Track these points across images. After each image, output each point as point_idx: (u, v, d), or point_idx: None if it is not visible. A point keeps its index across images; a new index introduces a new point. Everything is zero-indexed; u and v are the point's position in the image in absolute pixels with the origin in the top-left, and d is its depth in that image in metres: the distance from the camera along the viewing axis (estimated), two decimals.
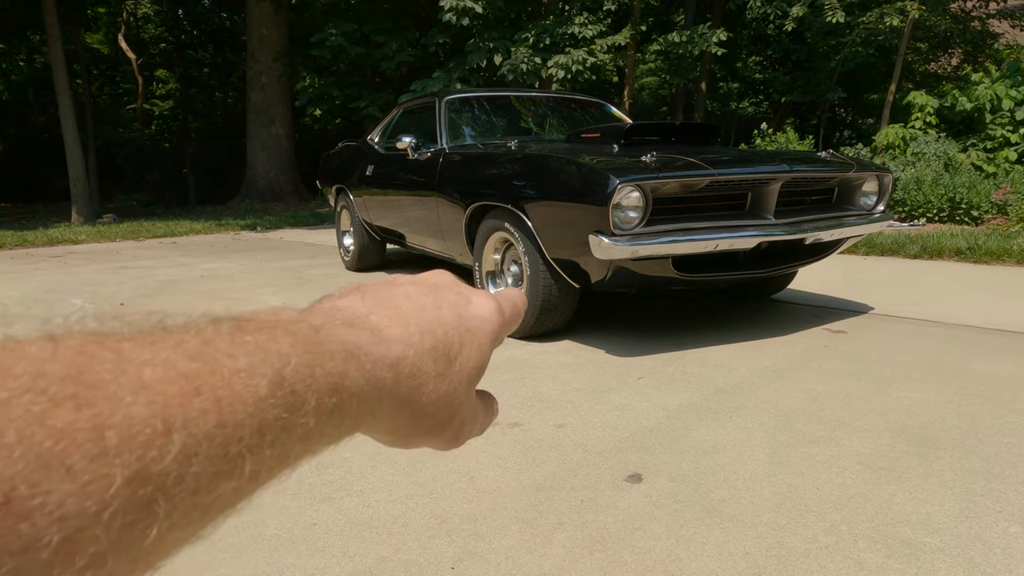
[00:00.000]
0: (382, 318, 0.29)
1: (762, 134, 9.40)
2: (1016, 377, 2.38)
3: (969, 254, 4.95)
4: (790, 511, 1.52)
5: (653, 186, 2.50)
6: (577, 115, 4.61)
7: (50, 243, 7.65)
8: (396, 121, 4.81)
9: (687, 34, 10.63)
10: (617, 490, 1.63)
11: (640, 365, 2.63)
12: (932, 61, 14.53)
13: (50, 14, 11.30)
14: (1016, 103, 8.94)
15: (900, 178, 7.64)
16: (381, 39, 11.85)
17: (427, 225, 3.88)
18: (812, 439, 1.90)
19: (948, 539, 1.39)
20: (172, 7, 18.83)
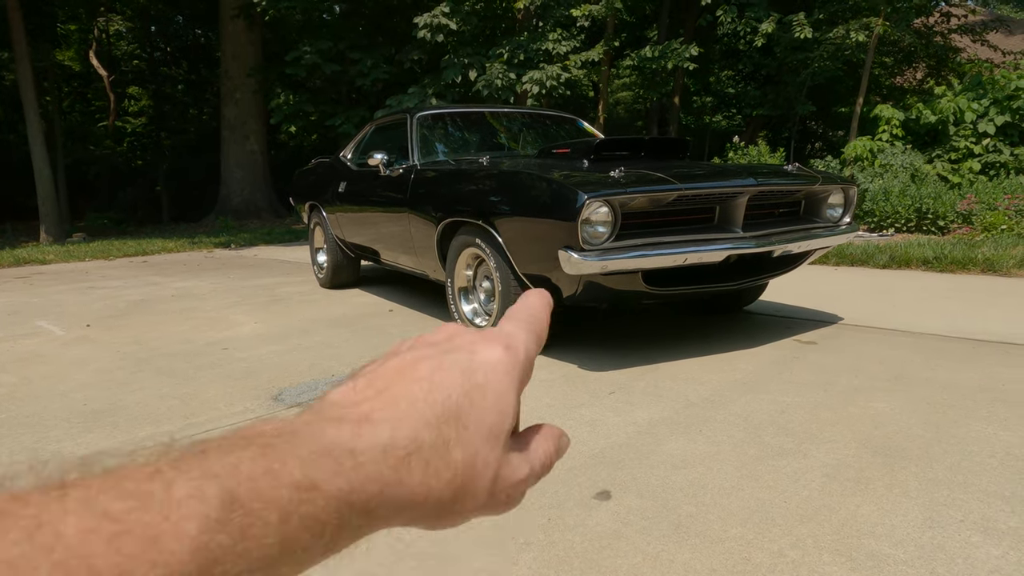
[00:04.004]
0: (372, 403, 0.27)
1: (735, 147, 9.54)
2: (979, 385, 2.42)
3: (936, 263, 5.05)
4: (757, 525, 1.52)
5: (621, 201, 2.51)
6: (549, 131, 4.64)
7: (16, 263, 7.49)
8: (368, 138, 4.80)
9: (660, 49, 10.79)
10: (585, 508, 1.62)
11: (612, 380, 2.63)
12: (898, 75, 14.92)
13: (17, 31, 11.15)
14: (978, 115, 9.19)
15: (869, 189, 7.80)
16: (356, 56, 11.87)
17: (400, 242, 3.86)
18: (780, 451, 1.91)
19: (911, 550, 1.40)
20: (145, 24, 18.70)
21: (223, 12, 13.58)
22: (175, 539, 0.18)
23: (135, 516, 0.18)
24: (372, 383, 0.29)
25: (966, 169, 9.03)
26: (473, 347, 0.31)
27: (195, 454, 0.21)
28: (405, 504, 0.27)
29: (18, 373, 2.97)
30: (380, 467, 0.25)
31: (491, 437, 0.29)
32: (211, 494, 0.20)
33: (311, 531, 0.22)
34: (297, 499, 0.22)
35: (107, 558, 0.17)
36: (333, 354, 3.13)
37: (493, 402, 0.30)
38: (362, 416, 0.27)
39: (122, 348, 3.37)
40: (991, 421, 2.08)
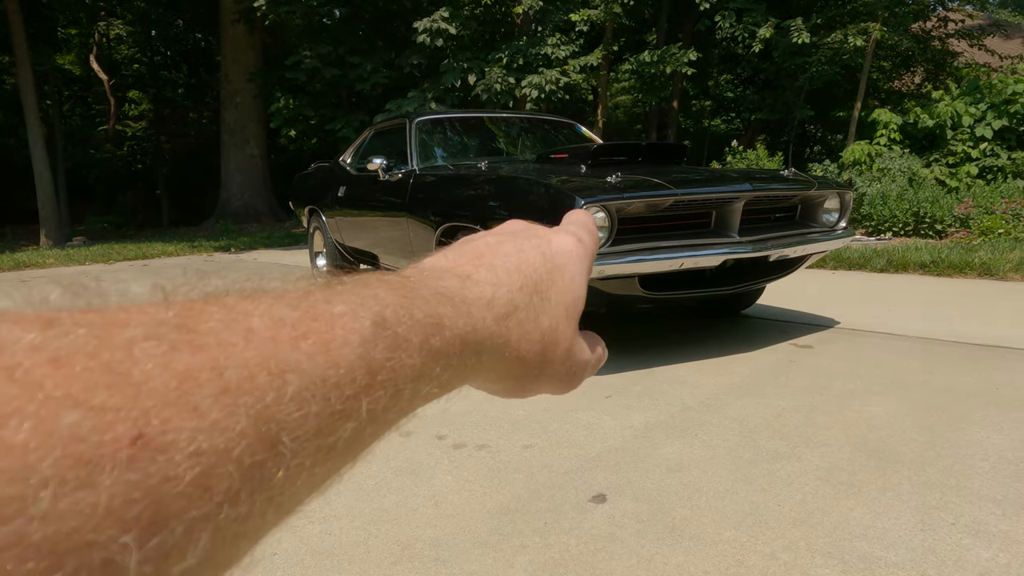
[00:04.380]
0: (468, 267, 0.30)
1: (733, 151, 9.57)
2: (973, 389, 2.43)
3: (932, 267, 5.07)
4: (751, 528, 1.53)
5: (618, 206, 2.53)
6: (548, 135, 4.66)
7: (16, 267, 7.51)
8: (368, 142, 4.82)
9: (658, 54, 10.83)
10: (581, 511, 1.64)
11: (609, 384, 2.64)
12: (896, 79, 14.96)
13: (18, 35, 11.19)
14: (975, 119, 9.23)
15: (866, 193, 7.82)
16: (356, 60, 11.90)
17: (399, 246, 3.88)
18: (775, 455, 1.93)
19: (903, 552, 1.41)
20: (145, 28, 18.75)
21: (223, 16, 13.62)
22: (344, 345, 0.21)
23: (307, 324, 0.20)
24: (463, 254, 0.31)
25: (963, 173, 9.07)
26: (549, 235, 0.35)
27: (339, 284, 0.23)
28: (505, 356, 0.29)
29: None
30: (486, 318, 0.28)
31: (568, 313, 0.32)
32: (363, 314, 0.22)
33: (439, 361, 0.24)
34: (430, 329, 0.24)
35: (292, 355, 0.19)
36: None
37: (569, 283, 0.33)
38: (465, 275, 0.29)
39: None
40: (985, 425, 2.10)
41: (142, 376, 0.16)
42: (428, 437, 2.14)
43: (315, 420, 0.19)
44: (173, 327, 0.18)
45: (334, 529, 1.59)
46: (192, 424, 0.16)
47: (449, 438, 2.13)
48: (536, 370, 0.31)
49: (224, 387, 0.17)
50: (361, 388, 0.21)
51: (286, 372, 0.19)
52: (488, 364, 0.28)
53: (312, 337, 0.20)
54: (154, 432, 0.15)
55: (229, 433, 0.17)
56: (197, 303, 0.19)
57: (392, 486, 1.80)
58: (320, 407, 0.19)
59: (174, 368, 0.17)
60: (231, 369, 0.18)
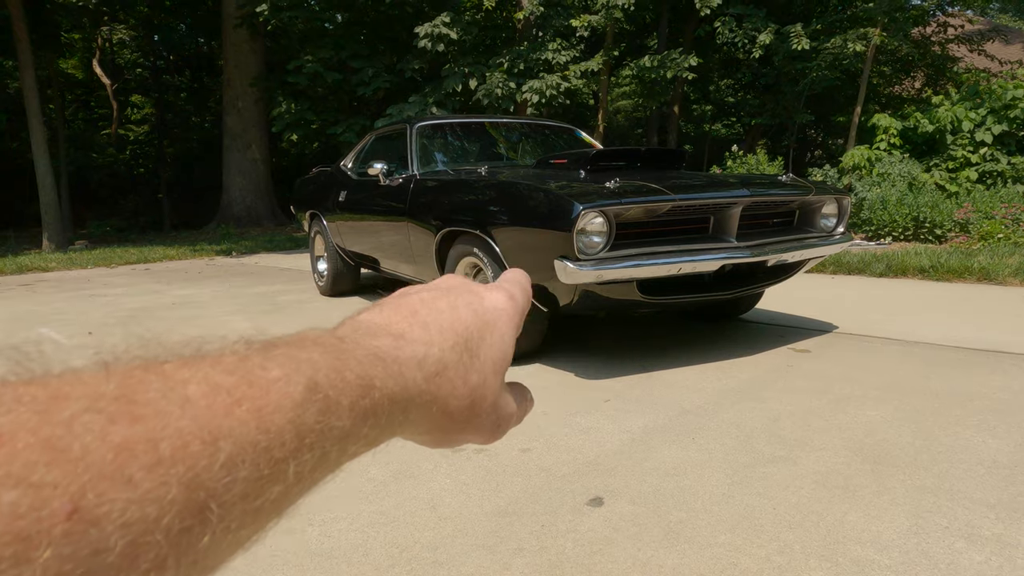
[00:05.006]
0: (403, 325, 0.31)
1: (733, 156, 9.60)
2: (970, 394, 2.44)
3: (932, 272, 5.08)
4: (746, 531, 1.54)
5: (616, 211, 2.55)
6: (548, 140, 4.69)
7: (19, 271, 7.54)
8: (368, 147, 4.85)
9: (659, 59, 10.87)
10: (578, 514, 1.65)
11: (608, 388, 2.66)
12: (896, 84, 14.99)
13: (22, 40, 11.24)
14: (975, 125, 9.25)
15: (866, 198, 7.84)
16: (358, 65, 11.95)
17: (399, 250, 3.90)
18: (771, 459, 1.94)
19: (896, 556, 1.43)
20: (148, 33, 18.83)
21: (226, 21, 13.69)
22: (276, 410, 0.22)
23: (242, 390, 0.21)
24: (397, 310, 0.32)
25: (963, 178, 9.08)
26: (482, 292, 0.36)
27: (276, 346, 0.25)
28: (432, 411, 0.30)
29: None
30: (416, 377, 0.29)
31: (496, 368, 0.34)
32: (297, 379, 0.23)
33: (367, 421, 0.25)
34: (360, 392, 0.25)
35: (226, 422, 0.20)
36: None
37: (498, 340, 0.34)
38: (398, 333, 0.30)
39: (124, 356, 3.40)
40: (980, 429, 2.11)
41: (80, 450, 0.17)
42: None
43: (243, 485, 0.20)
44: (112, 399, 0.18)
45: (332, 531, 1.61)
46: (125, 495, 0.17)
47: None
48: (463, 423, 0.32)
49: (158, 458, 0.18)
50: (290, 452, 0.22)
51: (219, 439, 0.20)
52: (415, 420, 0.29)
53: (246, 403, 0.21)
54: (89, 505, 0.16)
55: (160, 502, 0.18)
56: (137, 371, 0.20)
57: (390, 489, 1.81)
58: (249, 472, 0.20)
59: (111, 441, 0.17)
60: (166, 440, 0.18)
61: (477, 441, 0.34)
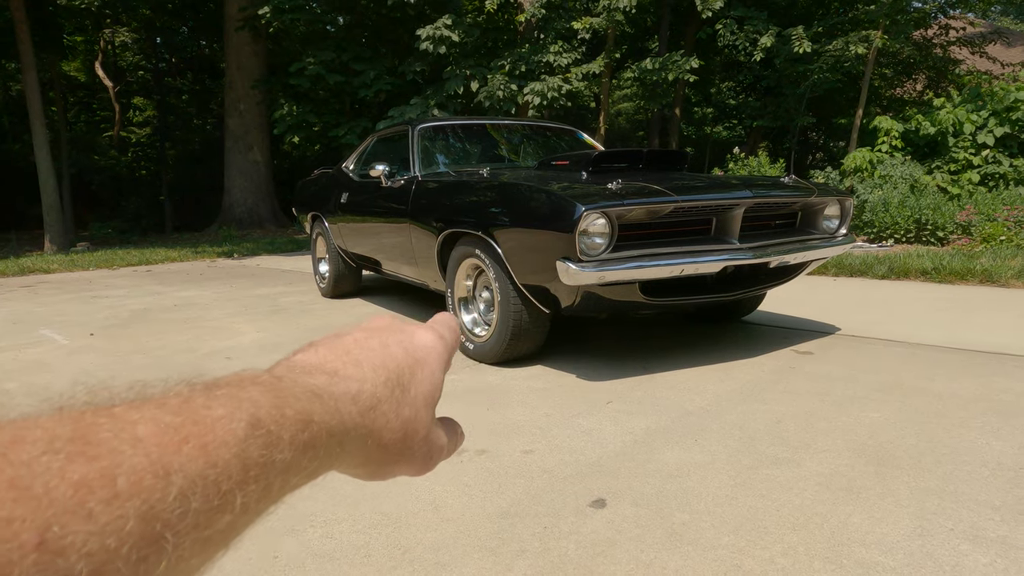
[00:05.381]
0: (337, 363, 0.33)
1: (735, 158, 9.59)
2: (973, 395, 2.44)
3: (934, 274, 5.07)
4: (749, 533, 1.54)
5: (618, 212, 2.54)
6: (549, 142, 4.68)
7: (21, 273, 7.54)
8: (370, 149, 4.85)
9: (660, 61, 10.87)
10: (580, 516, 1.65)
11: (610, 389, 2.65)
12: (897, 86, 14.99)
13: (24, 43, 11.27)
14: (977, 127, 9.24)
15: (868, 200, 7.83)
16: (359, 67, 11.97)
17: (401, 252, 3.90)
18: (774, 461, 1.93)
19: (901, 558, 1.42)
20: (150, 35, 18.86)
21: (228, 24, 13.71)
22: (221, 447, 0.23)
23: (188, 428, 0.23)
24: (331, 350, 0.34)
25: (965, 180, 9.07)
26: (412, 331, 0.38)
27: (218, 387, 0.26)
28: (367, 444, 0.32)
29: (22, 381, 3.01)
30: (351, 411, 0.30)
31: (427, 403, 0.36)
32: (240, 416, 0.25)
33: (307, 454, 0.27)
34: (299, 426, 0.27)
35: (176, 458, 0.22)
36: None
37: (428, 376, 0.36)
38: (332, 371, 0.32)
39: (126, 357, 3.40)
40: (984, 431, 2.10)
41: (43, 488, 0.18)
42: None
43: (195, 516, 0.21)
44: (68, 440, 0.20)
45: (335, 533, 1.60)
46: (87, 528, 0.18)
47: None
48: (396, 455, 0.34)
49: (115, 492, 0.19)
50: (236, 484, 0.23)
51: (171, 474, 0.21)
52: (351, 452, 0.31)
53: (193, 440, 0.22)
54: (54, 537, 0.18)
55: (119, 533, 0.19)
56: (88, 414, 0.22)
57: (392, 490, 1.81)
58: (200, 503, 0.22)
59: (70, 478, 0.19)
60: (122, 476, 0.20)
61: (409, 473, 0.36)
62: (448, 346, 0.39)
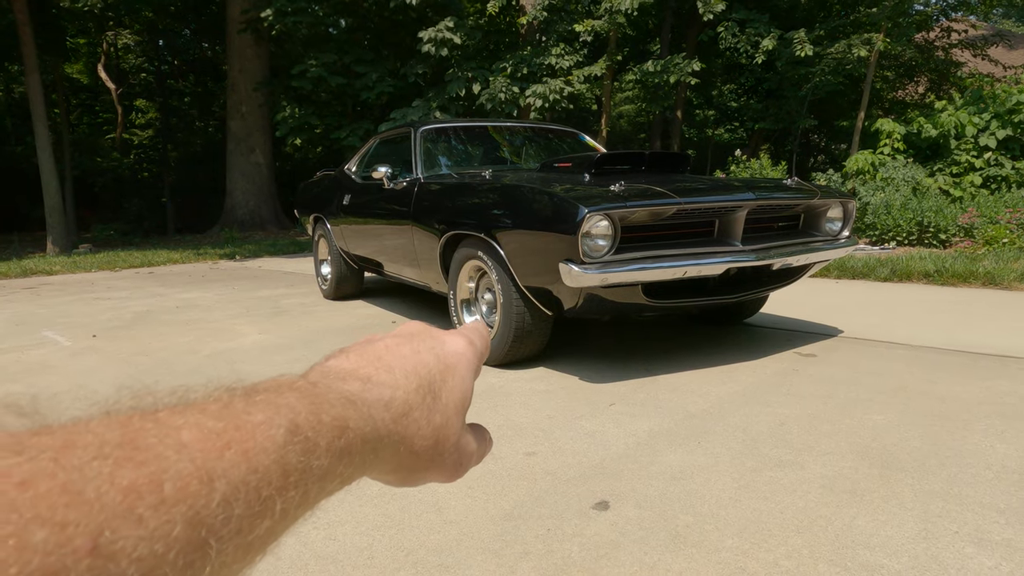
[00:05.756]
0: (369, 369, 0.33)
1: (737, 161, 9.59)
2: (977, 398, 2.43)
3: (937, 277, 5.07)
4: (753, 536, 1.53)
5: (621, 215, 2.54)
6: (551, 144, 4.69)
7: (23, 274, 7.55)
8: (373, 151, 4.86)
9: (662, 64, 10.88)
10: (584, 518, 1.64)
11: (612, 391, 2.65)
12: (899, 89, 14.99)
13: (28, 45, 11.30)
14: (979, 129, 9.23)
15: (870, 203, 7.83)
16: (361, 69, 11.99)
17: (403, 254, 3.90)
18: (778, 463, 1.93)
19: (906, 561, 1.41)
20: (153, 38, 18.91)
21: (230, 26, 13.74)
22: (262, 452, 0.23)
23: (230, 433, 0.23)
24: (363, 356, 0.34)
25: (967, 183, 9.06)
26: (443, 338, 0.38)
27: (257, 392, 0.26)
28: (400, 451, 0.32)
29: (26, 383, 3.01)
30: (385, 418, 0.31)
31: (458, 410, 0.36)
32: (279, 422, 0.25)
33: (343, 460, 0.27)
34: (336, 432, 0.27)
35: (219, 464, 0.22)
36: None
37: (459, 382, 0.36)
38: (365, 377, 0.32)
39: (129, 358, 3.40)
40: (988, 434, 2.10)
41: (94, 493, 0.18)
42: None
43: (237, 521, 0.22)
44: (116, 445, 0.20)
45: (338, 535, 1.60)
46: (137, 533, 0.19)
47: None
48: (427, 462, 0.34)
49: (163, 498, 0.20)
50: (276, 490, 0.23)
51: (214, 480, 0.21)
52: (384, 458, 0.31)
53: (235, 446, 0.23)
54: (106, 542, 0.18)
55: (167, 539, 0.19)
56: (135, 419, 0.22)
57: (396, 492, 1.80)
58: (242, 509, 0.22)
59: (120, 483, 0.19)
60: (169, 481, 0.20)
61: (439, 479, 0.36)
62: (478, 352, 0.39)
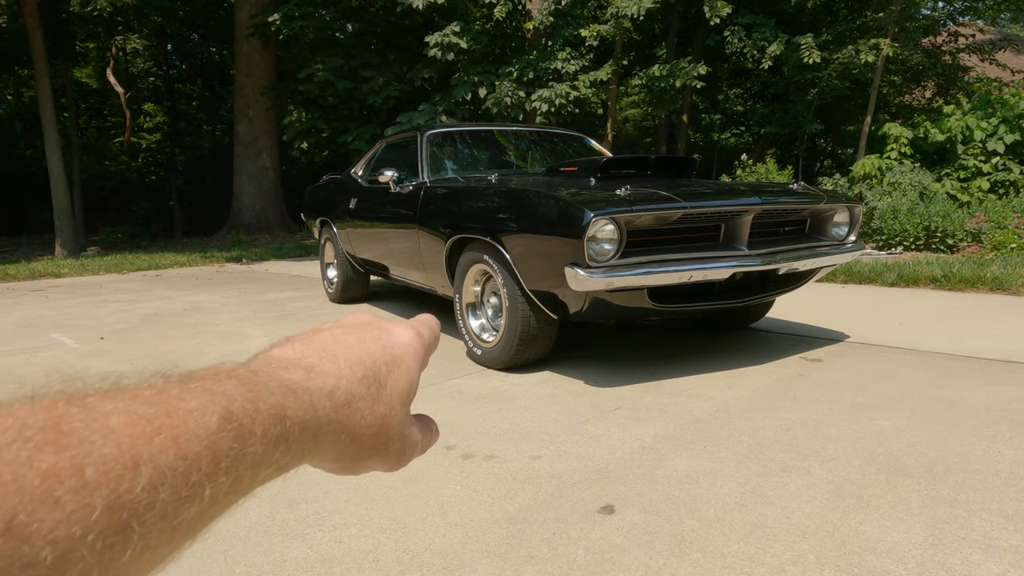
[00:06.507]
0: (313, 359, 0.33)
1: (743, 165, 9.58)
2: (984, 404, 2.42)
3: (944, 282, 5.04)
4: (759, 541, 1.53)
5: (627, 219, 2.55)
6: (557, 148, 4.69)
7: (32, 277, 7.60)
8: (379, 155, 4.87)
9: (668, 68, 10.88)
10: (589, 522, 1.64)
11: (617, 395, 2.64)
12: (906, 93, 14.94)
13: (38, 50, 11.39)
14: (987, 134, 9.19)
15: (877, 207, 7.80)
16: (368, 73, 12.03)
17: (409, 258, 3.91)
18: (784, 468, 1.92)
19: (913, 567, 1.41)
20: (161, 42, 19.04)
21: (238, 31, 13.82)
22: (193, 439, 0.23)
23: (161, 419, 0.23)
24: (308, 345, 0.34)
25: (975, 188, 9.02)
26: (391, 328, 0.39)
27: (192, 379, 0.26)
28: (341, 439, 0.32)
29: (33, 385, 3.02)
30: (326, 407, 0.31)
31: (402, 400, 0.36)
32: (213, 409, 0.25)
33: (279, 447, 0.27)
34: (272, 419, 0.27)
35: (147, 449, 0.22)
36: None
37: (404, 373, 0.37)
38: (309, 367, 0.32)
39: (136, 361, 3.42)
40: (996, 440, 2.08)
41: (11, 476, 0.19)
42: (437, 447, 2.15)
43: (162, 506, 0.22)
44: (38, 429, 0.20)
45: (343, 537, 1.60)
46: (53, 516, 0.19)
47: (458, 448, 2.14)
48: (370, 451, 0.34)
49: (84, 482, 0.20)
50: (206, 476, 0.23)
51: (140, 464, 0.21)
52: (325, 447, 0.31)
53: (165, 432, 0.23)
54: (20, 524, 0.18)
55: (85, 522, 0.19)
56: (61, 404, 0.22)
57: (401, 495, 1.81)
58: (168, 494, 0.22)
59: (38, 467, 0.19)
60: (91, 465, 0.20)
61: (382, 468, 0.36)
62: (426, 344, 0.40)
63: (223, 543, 1.58)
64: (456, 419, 2.39)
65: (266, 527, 1.65)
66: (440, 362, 3.25)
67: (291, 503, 1.78)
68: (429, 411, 0.46)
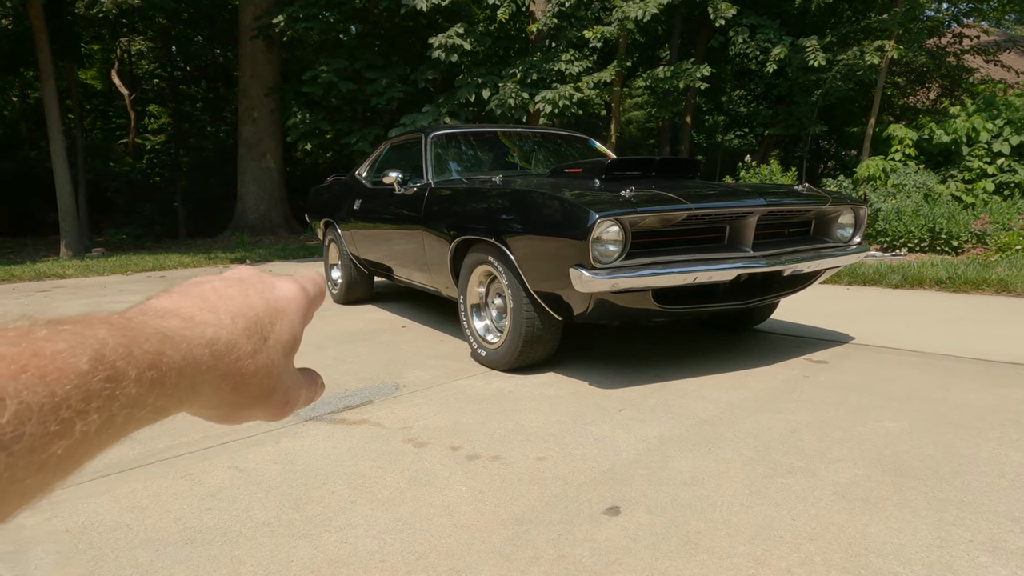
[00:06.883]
0: (192, 309, 0.33)
1: (746, 166, 9.57)
2: (990, 406, 2.41)
3: (949, 283, 5.03)
4: (765, 542, 1.53)
5: (632, 220, 2.55)
6: (561, 150, 4.70)
7: (37, 277, 7.62)
8: (383, 156, 4.88)
9: (672, 69, 10.88)
10: (595, 523, 1.64)
11: (622, 397, 2.64)
12: (911, 95, 14.91)
13: (43, 52, 11.44)
14: (992, 135, 9.17)
15: (881, 209, 7.78)
16: (372, 75, 12.05)
17: (413, 259, 3.92)
18: (789, 470, 1.92)
19: (920, 569, 1.40)
20: (166, 44, 19.09)
21: (242, 32, 13.85)
22: (62, 378, 0.24)
23: (26, 359, 0.23)
24: (187, 296, 0.35)
25: (980, 189, 9.00)
26: (273, 282, 0.39)
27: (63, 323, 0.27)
28: (220, 387, 0.32)
29: None
30: (205, 355, 0.31)
31: (285, 352, 0.37)
32: (82, 351, 0.25)
33: (154, 390, 0.28)
34: (147, 363, 0.27)
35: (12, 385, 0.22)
36: (347, 369, 3.17)
37: (287, 326, 0.37)
38: (187, 316, 0.32)
39: None
40: (1002, 441, 2.08)
41: None
42: (442, 448, 2.16)
43: (30, 439, 0.22)
44: None
45: (349, 538, 1.61)
46: None
47: (463, 449, 2.15)
48: (251, 399, 0.35)
49: None
50: (76, 412, 0.24)
51: (5, 399, 0.22)
52: (204, 394, 0.31)
53: (32, 371, 0.23)
54: None
55: None
56: None
57: (407, 496, 1.81)
58: (36, 428, 0.22)
59: None
60: None
61: (264, 418, 0.37)
62: (310, 298, 0.40)
63: (229, 544, 1.59)
64: (461, 420, 2.40)
65: (272, 528, 1.66)
66: (444, 363, 3.26)
67: (297, 504, 1.78)
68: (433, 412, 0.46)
